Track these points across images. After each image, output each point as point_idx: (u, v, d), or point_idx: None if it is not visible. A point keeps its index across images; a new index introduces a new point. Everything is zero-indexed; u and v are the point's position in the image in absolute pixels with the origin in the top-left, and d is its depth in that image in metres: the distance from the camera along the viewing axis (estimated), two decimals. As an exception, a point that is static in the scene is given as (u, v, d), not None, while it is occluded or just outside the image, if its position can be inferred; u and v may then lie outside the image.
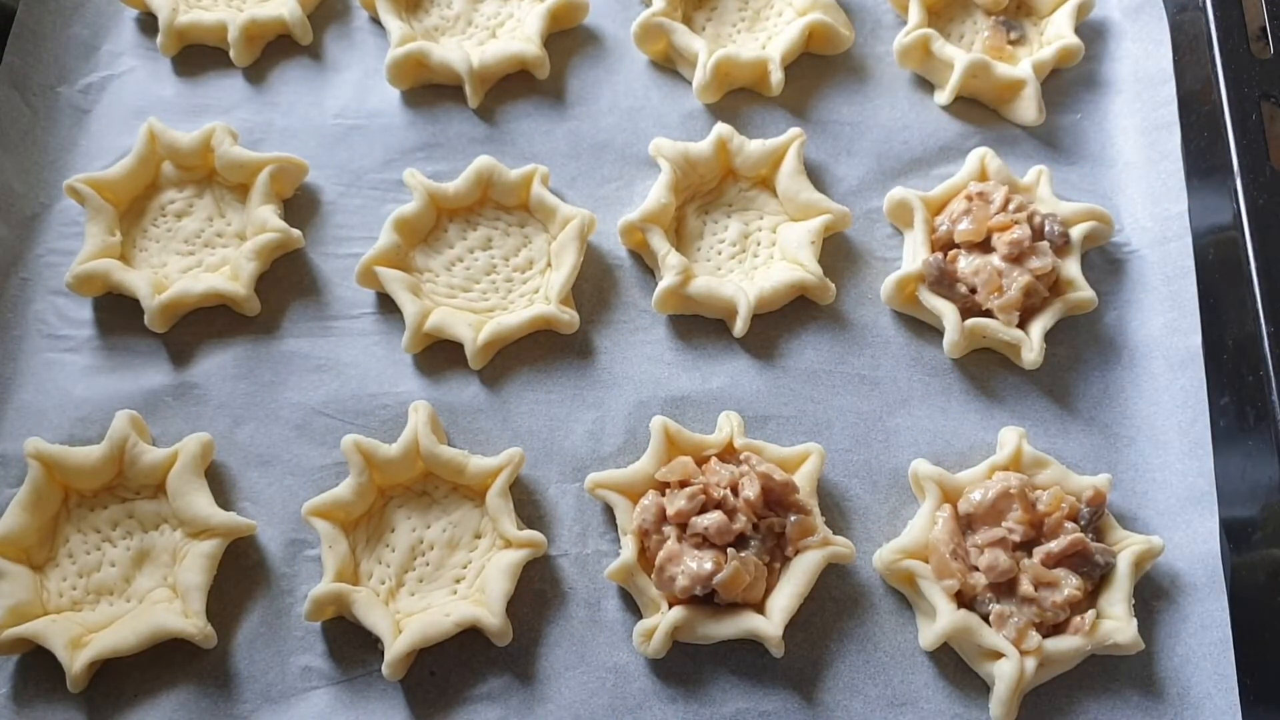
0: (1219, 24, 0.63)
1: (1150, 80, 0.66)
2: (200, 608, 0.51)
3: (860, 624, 0.53)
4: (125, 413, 0.55)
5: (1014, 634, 0.50)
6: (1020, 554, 0.52)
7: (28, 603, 0.51)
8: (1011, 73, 0.64)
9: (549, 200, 0.60)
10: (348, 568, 0.52)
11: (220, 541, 0.53)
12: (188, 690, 0.52)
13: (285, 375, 0.59)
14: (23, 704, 0.52)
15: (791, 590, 0.51)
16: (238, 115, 0.65)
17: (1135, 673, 0.52)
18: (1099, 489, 0.53)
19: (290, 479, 0.56)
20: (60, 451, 0.54)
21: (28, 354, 0.59)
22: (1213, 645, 0.53)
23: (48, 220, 0.63)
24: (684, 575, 0.50)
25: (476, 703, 0.52)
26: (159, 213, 0.62)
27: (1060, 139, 0.65)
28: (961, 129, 0.65)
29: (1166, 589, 0.54)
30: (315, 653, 0.53)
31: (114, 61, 0.68)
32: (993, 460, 0.55)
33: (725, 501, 0.52)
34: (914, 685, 0.52)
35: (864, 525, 0.56)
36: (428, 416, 0.55)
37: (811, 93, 0.67)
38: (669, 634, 0.51)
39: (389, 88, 0.66)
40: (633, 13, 0.67)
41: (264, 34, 0.67)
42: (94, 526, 0.54)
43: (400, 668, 0.51)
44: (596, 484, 0.54)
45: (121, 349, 0.59)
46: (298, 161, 0.62)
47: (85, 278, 0.58)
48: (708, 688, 0.52)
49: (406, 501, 0.55)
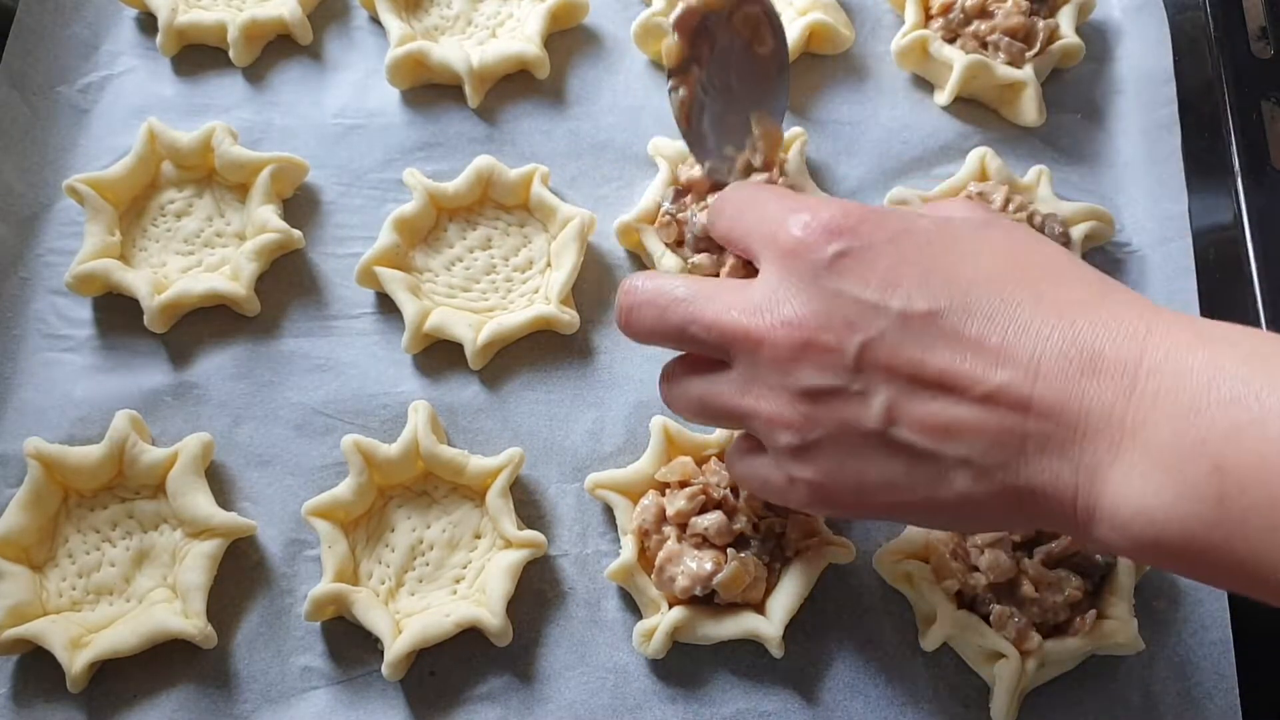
0: (1220, 24, 0.63)
1: (1151, 80, 0.66)
2: (201, 608, 0.51)
3: (860, 624, 0.53)
4: (125, 412, 0.55)
5: (1014, 634, 0.50)
6: (1020, 554, 0.52)
7: (27, 603, 0.51)
8: (1012, 73, 0.64)
9: (549, 200, 0.60)
10: (347, 568, 0.52)
11: (221, 542, 0.53)
12: (188, 690, 0.52)
13: (285, 375, 0.59)
14: (22, 704, 0.52)
15: (792, 590, 0.51)
16: (237, 115, 0.65)
17: (1136, 673, 0.52)
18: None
19: (290, 479, 0.56)
20: (60, 451, 0.54)
21: (27, 354, 0.59)
22: (1213, 645, 0.53)
23: (47, 220, 0.63)
24: (684, 575, 0.50)
25: (476, 703, 0.52)
26: (159, 212, 0.62)
27: (1060, 139, 0.65)
28: (962, 129, 0.65)
29: (1167, 589, 0.54)
30: (315, 653, 0.53)
31: (113, 61, 0.67)
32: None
33: (725, 501, 0.52)
34: (914, 686, 0.52)
35: (864, 525, 0.56)
36: (428, 416, 0.55)
37: (811, 93, 0.67)
38: (669, 634, 0.51)
39: (389, 87, 0.66)
40: (633, 12, 0.67)
41: (264, 34, 0.67)
42: (94, 526, 0.54)
43: (400, 668, 0.51)
44: (596, 484, 0.54)
45: (121, 349, 0.59)
46: (298, 161, 0.62)
47: (85, 277, 0.58)
48: (708, 688, 0.52)
49: (406, 501, 0.55)
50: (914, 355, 0.37)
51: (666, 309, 0.42)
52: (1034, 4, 0.66)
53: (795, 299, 0.39)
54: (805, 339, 0.38)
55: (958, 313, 0.37)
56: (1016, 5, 0.65)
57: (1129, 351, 0.35)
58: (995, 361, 0.36)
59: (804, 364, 0.38)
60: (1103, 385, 0.35)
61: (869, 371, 0.38)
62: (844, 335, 0.38)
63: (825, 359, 0.38)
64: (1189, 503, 0.33)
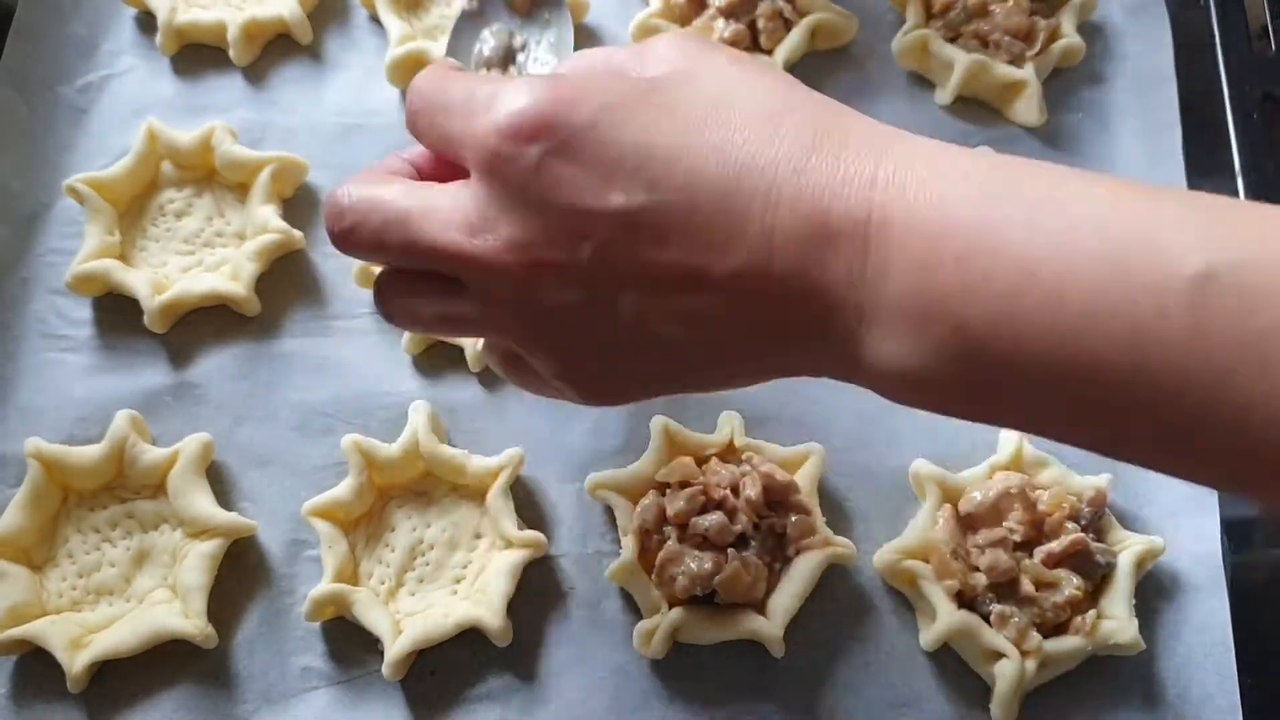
0: (1221, 23, 0.63)
1: (1152, 80, 0.66)
2: (201, 608, 0.51)
3: (861, 624, 0.53)
4: (125, 412, 0.55)
5: (1015, 634, 0.50)
6: (1021, 554, 0.52)
7: (27, 603, 0.51)
8: (1013, 73, 0.64)
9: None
10: (347, 568, 0.52)
11: (221, 542, 0.53)
12: (188, 690, 0.52)
13: (285, 375, 0.59)
14: (22, 705, 0.52)
15: (792, 591, 0.51)
16: (237, 114, 0.65)
17: (1136, 673, 0.52)
18: (1100, 489, 0.53)
19: (290, 479, 0.56)
20: (60, 451, 0.54)
21: (27, 354, 0.59)
22: (1214, 645, 0.53)
23: (47, 220, 0.63)
24: (684, 576, 0.50)
25: (477, 703, 0.52)
26: (158, 212, 0.62)
27: (1062, 138, 0.65)
28: (963, 128, 0.65)
29: (1167, 589, 0.54)
30: (315, 653, 0.53)
31: (113, 60, 0.67)
32: (993, 460, 0.55)
33: (726, 502, 0.52)
34: (915, 686, 0.52)
35: (864, 525, 0.56)
36: (428, 416, 0.55)
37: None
38: (670, 635, 0.51)
39: (389, 87, 0.66)
40: (632, 12, 0.67)
41: (264, 33, 0.67)
42: (93, 527, 0.54)
43: (400, 668, 0.50)
44: (597, 484, 0.54)
45: (121, 349, 0.59)
46: (298, 161, 0.62)
47: (85, 278, 0.58)
48: (708, 688, 0.52)
49: (406, 501, 0.55)
50: (647, 255, 0.35)
51: (383, 230, 0.38)
52: (1035, 3, 0.66)
53: (513, 216, 0.36)
54: (534, 259, 0.36)
55: (678, 195, 0.35)
56: (1018, 4, 0.65)
57: (859, 205, 0.33)
58: (727, 245, 0.34)
59: (541, 285, 0.36)
60: (837, 252, 0.33)
61: (607, 278, 0.35)
62: (573, 247, 0.35)
63: (561, 276, 0.36)
64: (942, 362, 0.33)
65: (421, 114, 0.40)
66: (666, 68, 0.38)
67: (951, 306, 0.32)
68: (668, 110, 0.36)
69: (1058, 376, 0.32)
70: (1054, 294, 0.31)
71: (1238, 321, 0.29)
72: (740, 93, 0.37)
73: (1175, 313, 0.30)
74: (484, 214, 0.37)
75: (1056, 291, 0.31)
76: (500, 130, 0.36)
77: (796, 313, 0.35)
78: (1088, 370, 0.31)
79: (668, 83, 0.37)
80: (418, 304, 0.41)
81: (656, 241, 0.35)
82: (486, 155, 0.36)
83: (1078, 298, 0.31)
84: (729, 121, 0.35)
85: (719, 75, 0.37)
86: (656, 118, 0.36)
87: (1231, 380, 0.29)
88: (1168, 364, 0.30)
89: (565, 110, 0.35)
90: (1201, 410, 0.30)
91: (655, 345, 0.37)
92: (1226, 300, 0.29)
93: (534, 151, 0.35)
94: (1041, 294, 0.31)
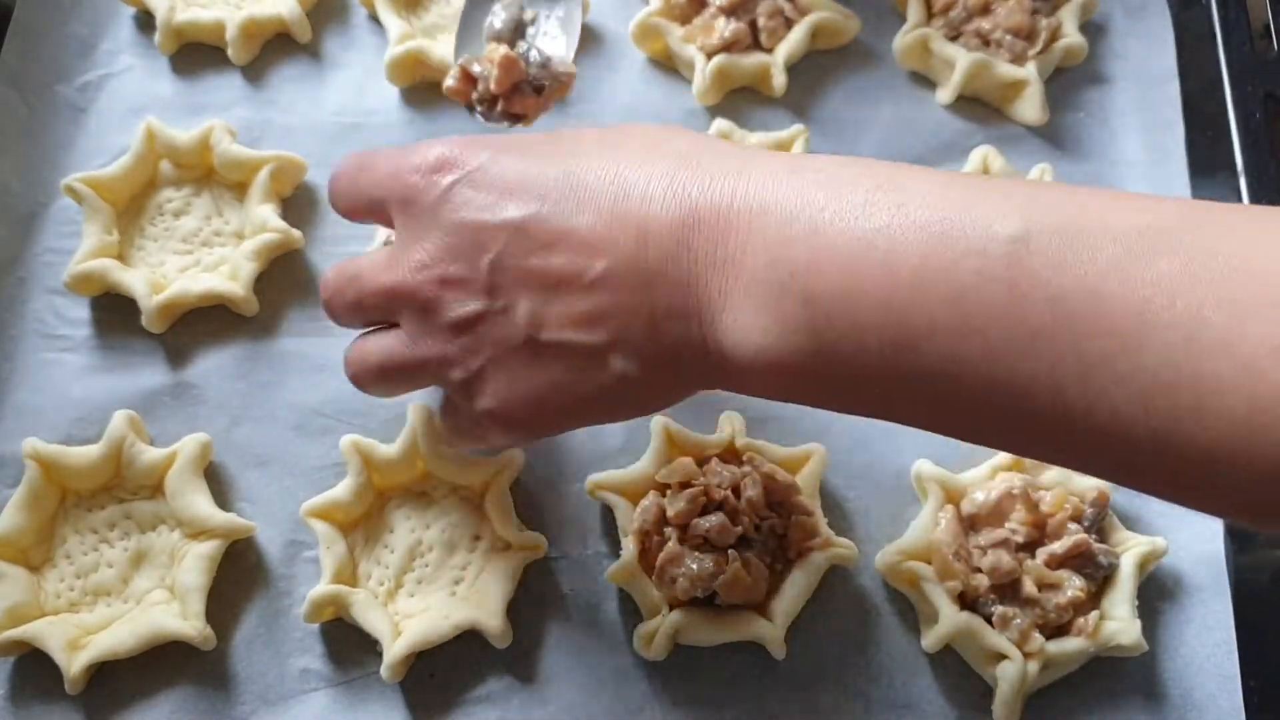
0: (1223, 22, 0.63)
1: (1154, 79, 0.66)
2: (200, 609, 0.51)
3: (862, 626, 0.53)
4: (123, 412, 0.55)
5: (1017, 635, 0.50)
6: (1023, 555, 0.52)
7: (25, 604, 0.51)
8: (1014, 72, 0.64)
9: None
10: (346, 569, 0.52)
11: (220, 543, 0.53)
12: (186, 692, 0.52)
13: (284, 375, 0.59)
14: (20, 706, 0.51)
15: (793, 592, 0.51)
16: (236, 113, 0.65)
17: (1139, 674, 0.52)
18: (1103, 490, 0.53)
19: (289, 479, 0.56)
20: (57, 451, 0.54)
21: (25, 353, 0.59)
22: (1217, 647, 0.53)
23: (45, 219, 0.62)
24: (685, 577, 0.50)
25: (476, 705, 0.52)
26: (157, 212, 0.62)
27: (1063, 138, 0.65)
28: (964, 127, 0.65)
29: (1170, 590, 0.54)
30: (314, 654, 0.53)
31: (111, 60, 0.67)
32: (995, 460, 0.55)
33: (727, 503, 0.51)
34: (916, 687, 0.52)
35: (866, 526, 0.56)
36: (427, 417, 0.55)
37: (813, 91, 0.66)
38: (670, 636, 0.50)
39: (388, 86, 0.66)
40: (632, 11, 0.67)
41: (262, 32, 0.67)
42: (91, 527, 0.54)
43: (399, 670, 0.50)
44: (597, 485, 0.53)
45: (119, 349, 0.59)
46: (297, 160, 0.62)
47: (83, 277, 0.58)
48: (709, 690, 0.52)
49: (405, 502, 0.55)
50: (535, 261, 0.39)
51: (345, 291, 0.45)
52: (1037, 2, 0.65)
53: (424, 241, 0.41)
54: (439, 275, 0.40)
55: (564, 204, 0.38)
56: (1019, 3, 0.64)
57: (722, 194, 0.36)
58: (608, 246, 0.38)
59: (446, 299, 0.40)
60: (701, 234, 0.36)
61: (504, 287, 0.39)
62: (473, 260, 0.39)
63: (462, 288, 0.40)
64: (794, 336, 0.35)
65: (344, 177, 0.45)
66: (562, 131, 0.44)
67: (801, 281, 0.34)
68: (560, 147, 0.41)
69: (893, 344, 0.33)
70: (886, 263, 0.33)
71: (1051, 279, 0.31)
72: (625, 132, 0.42)
73: (994, 272, 0.31)
74: (401, 246, 0.42)
75: (888, 260, 0.33)
76: (417, 167, 0.41)
77: (668, 298, 0.37)
78: (921, 338, 0.33)
79: (560, 133, 0.43)
80: (366, 353, 0.46)
81: (545, 247, 0.39)
82: (405, 190, 0.41)
83: (906, 265, 0.33)
84: (614, 154, 0.40)
85: (606, 128, 0.43)
86: (551, 149, 0.41)
87: (1045, 338, 0.31)
88: (990, 325, 0.31)
89: (473, 151, 0.41)
90: (1022, 377, 0.31)
91: (550, 353, 0.40)
92: (1040, 259, 0.31)
93: (445, 181, 0.41)
94: (876, 263, 0.33)
